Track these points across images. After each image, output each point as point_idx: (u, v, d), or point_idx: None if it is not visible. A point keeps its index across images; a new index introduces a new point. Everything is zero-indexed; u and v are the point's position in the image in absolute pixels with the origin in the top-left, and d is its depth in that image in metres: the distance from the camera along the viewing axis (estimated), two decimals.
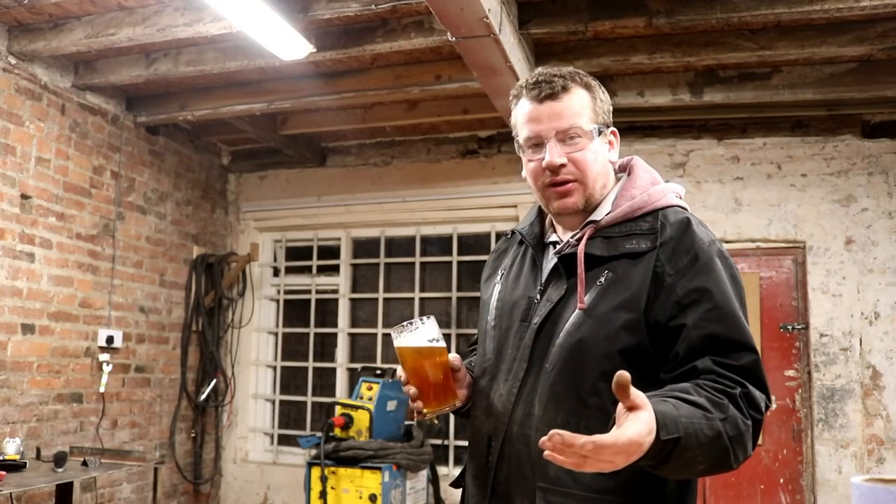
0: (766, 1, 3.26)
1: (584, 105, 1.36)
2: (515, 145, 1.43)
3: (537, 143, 1.36)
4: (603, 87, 1.43)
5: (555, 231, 1.45)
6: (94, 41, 3.72)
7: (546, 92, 1.34)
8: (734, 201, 4.59)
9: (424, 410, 1.37)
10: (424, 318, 1.35)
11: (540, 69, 1.40)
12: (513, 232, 1.56)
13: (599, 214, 1.36)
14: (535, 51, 3.85)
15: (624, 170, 1.48)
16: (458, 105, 4.65)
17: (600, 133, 1.37)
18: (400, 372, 1.40)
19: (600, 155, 1.38)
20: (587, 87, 1.38)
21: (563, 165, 1.33)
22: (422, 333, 1.35)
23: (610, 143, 1.42)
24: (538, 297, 1.37)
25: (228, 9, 3.21)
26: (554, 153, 1.33)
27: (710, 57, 3.76)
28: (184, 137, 5.29)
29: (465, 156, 5.27)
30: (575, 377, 1.27)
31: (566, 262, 1.35)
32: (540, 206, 1.49)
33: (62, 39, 3.77)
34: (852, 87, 3.97)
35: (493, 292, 1.49)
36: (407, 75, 4.15)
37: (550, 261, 1.41)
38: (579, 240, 1.35)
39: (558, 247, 1.40)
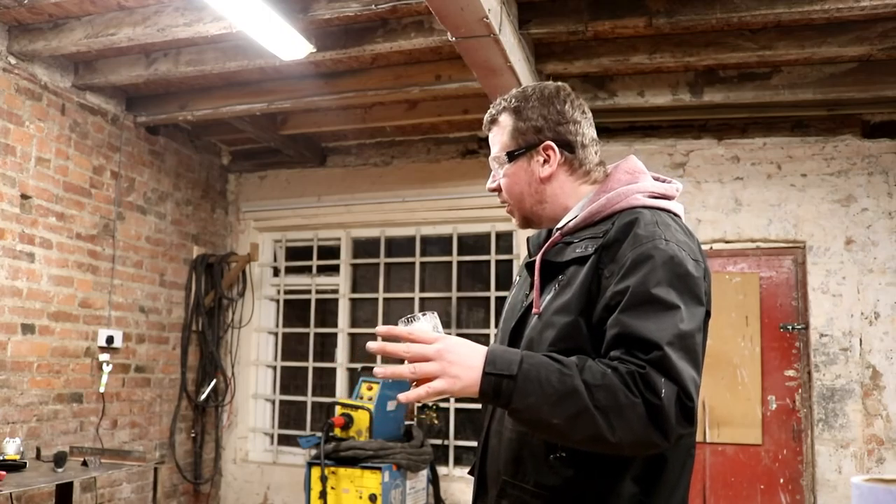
0: (766, 1, 3.25)
1: (504, 132, 1.46)
2: None
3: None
4: (551, 99, 1.45)
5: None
6: (94, 41, 3.72)
7: (486, 125, 1.52)
8: (734, 201, 4.59)
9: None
10: (427, 312, 1.36)
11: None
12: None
13: (563, 222, 1.44)
14: (535, 51, 3.85)
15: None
16: (458, 105, 4.65)
17: (518, 155, 1.45)
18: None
19: (521, 176, 1.45)
20: (515, 111, 1.45)
21: (496, 191, 1.50)
22: (422, 325, 1.36)
23: (546, 157, 1.44)
24: (525, 300, 1.46)
25: (228, 9, 3.21)
26: (490, 180, 1.52)
27: (710, 57, 3.76)
28: (184, 137, 5.29)
29: (465, 156, 5.27)
30: None
31: (531, 269, 1.42)
32: None
33: (62, 39, 3.77)
34: (852, 87, 3.97)
35: (509, 296, 1.57)
36: (407, 75, 4.15)
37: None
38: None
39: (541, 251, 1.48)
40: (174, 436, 5.09)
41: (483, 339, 5.25)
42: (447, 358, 1.20)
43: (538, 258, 1.40)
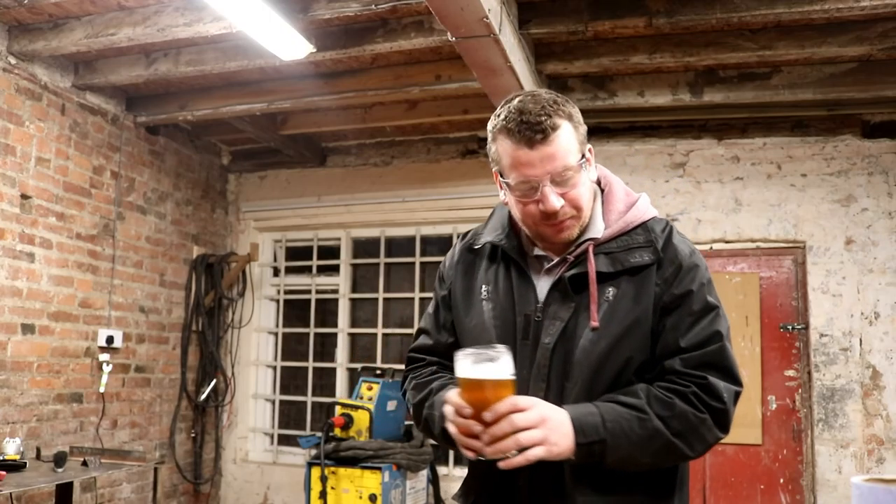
0: (766, 1, 3.25)
1: (571, 140, 1.34)
2: (498, 179, 1.41)
3: (531, 186, 1.33)
4: (576, 107, 1.41)
5: (535, 245, 1.44)
6: (94, 41, 3.72)
7: (538, 137, 1.30)
8: (734, 201, 4.59)
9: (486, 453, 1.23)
10: (499, 346, 1.20)
11: (520, 103, 1.34)
12: (470, 242, 1.54)
13: (595, 231, 1.40)
14: (535, 51, 3.85)
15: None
16: (458, 105, 4.65)
17: (585, 161, 1.37)
18: (454, 408, 1.27)
19: (588, 183, 1.39)
20: (569, 117, 1.35)
21: (564, 206, 1.34)
22: (504, 365, 1.18)
23: (588, 161, 1.39)
24: (538, 314, 1.38)
25: (228, 9, 3.21)
26: (552, 199, 1.32)
27: (710, 57, 3.76)
28: (184, 137, 5.29)
29: (465, 156, 5.27)
30: (596, 391, 1.32)
31: (574, 281, 1.36)
32: (510, 214, 1.47)
33: (62, 39, 3.77)
34: (852, 87, 3.97)
35: (484, 310, 1.44)
36: (407, 75, 4.15)
37: (544, 278, 1.41)
38: (577, 256, 1.38)
39: (551, 264, 1.41)
40: (174, 436, 5.09)
41: None
42: (548, 425, 1.21)
43: (591, 269, 1.35)
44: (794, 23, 3.53)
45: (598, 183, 1.48)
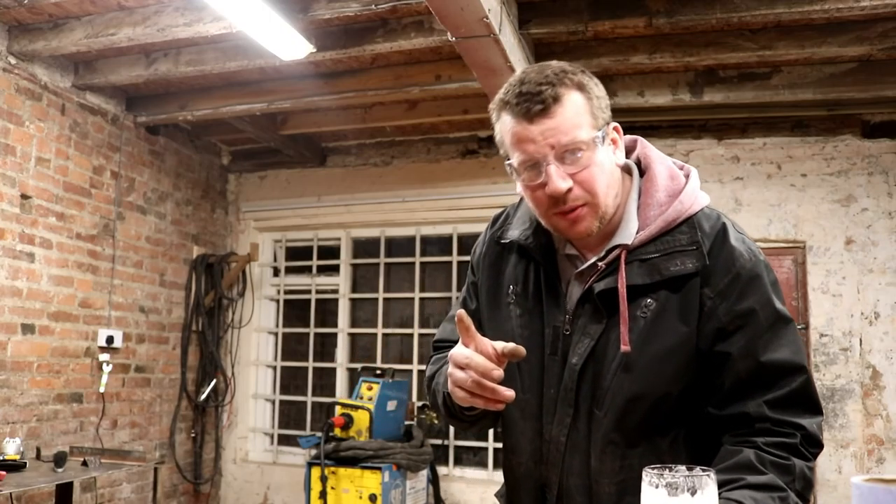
0: (766, 1, 3.25)
1: (580, 112, 1.15)
2: (506, 166, 1.22)
3: (533, 166, 1.15)
4: (596, 79, 1.22)
5: (569, 242, 1.26)
6: (94, 41, 3.72)
7: (536, 108, 1.13)
8: (734, 201, 4.59)
9: None
10: (704, 471, 0.92)
11: (522, 74, 1.19)
12: (498, 235, 1.37)
13: (627, 234, 1.20)
14: (535, 51, 3.85)
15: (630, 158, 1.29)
16: (458, 105, 4.65)
17: (603, 138, 1.17)
18: None
19: (607, 164, 1.17)
20: (580, 86, 1.17)
21: (569, 191, 1.14)
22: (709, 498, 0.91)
23: (613, 141, 1.21)
24: (567, 326, 1.22)
25: (228, 9, 3.21)
26: (556, 178, 1.13)
27: (710, 57, 3.75)
28: (184, 137, 5.29)
29: (465, 156, 5.27)
30: (630, 423, 1.17)
31: (604, 297, 1.18)
32: None
33: (62, 39, 3.77)
34: (852, 87, 3.97)
35: (513, 315, 1.28)
36: (407, 75, 4.15)
37: (575, 284, 1.24)
38: (609, 264, 1.19)
39: (582, 268, 1.23)
40: (174, 436, 5.09)
41: None
42: None
43: (622, 286, 1.15)
44: (794, 23, 3.53)
45: (638, 166, 1.28)
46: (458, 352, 1.13)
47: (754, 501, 1.04)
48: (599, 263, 1.20)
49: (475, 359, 1.10)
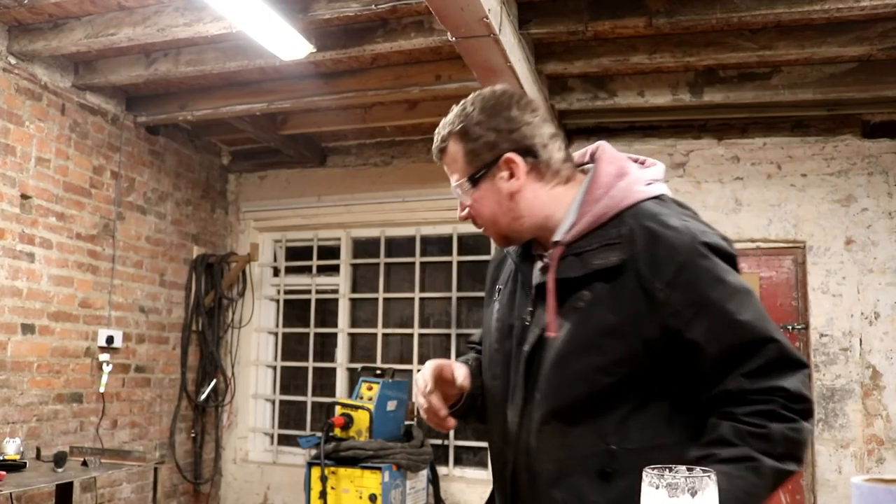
0: (766, 1, 3.25)
1: (457, 160, 1.37)
2: None
3: None
4: (492, 109, 1.35)
5: (534, 243, 1.41)
6: (94, 41, 3.72)
7: (437, 155, 1.42)
8: (734, 201, 4.59)
9: None
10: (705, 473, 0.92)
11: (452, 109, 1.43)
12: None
13: (562, 230, 1.31)
14: (535, 51, 3.85)
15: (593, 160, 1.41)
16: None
17: (479, 178, 1.34)
18: None
19: (490, 198, 1.35)
20: (463, 134, 1.35)
21: (468, 219, 1.40)
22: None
23: (510, 171, 1.33)
24: (528, 318, 1.33)
25: (228, 9, 3.21)
26: (459, 209, 1.42)
27: (710, 57, 3.75)
28: (184, 137, 5.29)
29: None
30: (565, 405, 1.26)
31: (541, 289, 1.31)
32: None
33: (62, 39, 3.77)
34: (852, 87, 3.97)
35: (493, 311, 1.44)
36: (407, 75, 4.15)
37: (536, 278, 1.36)
38: (549, 263, 1.31)
39: (540, 266, 1.35)
40: (174, 436, 5.09)
41: None
42: None
43: (550, 279, 1.28)
44: (794, 23, 3.53)
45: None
46: (421, 381, 1.35)
47: (723, 475, 1.03)
48: (545, 260, 1.32)
49: (432, 400, 1.34)
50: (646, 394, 1.22)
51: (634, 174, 1.34)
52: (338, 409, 4.41)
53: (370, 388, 4.45)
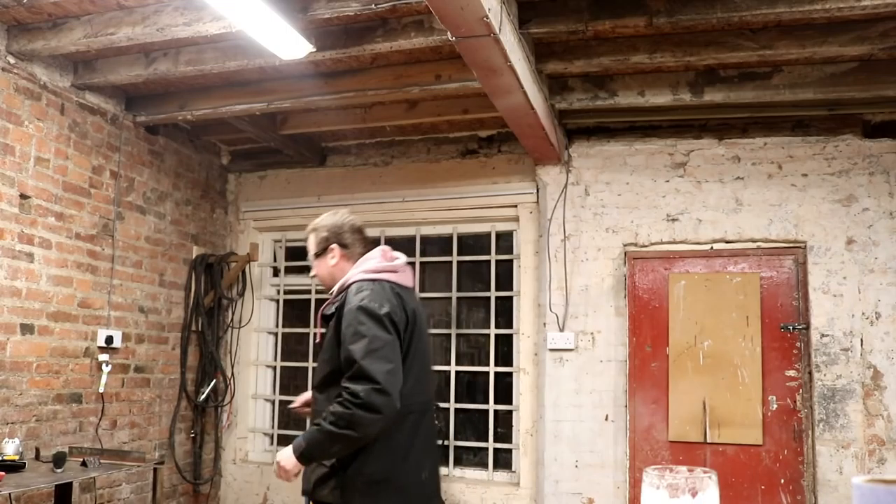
0: (767, 0, 3.25)
1: (310, 246, 2.60)
2: None
3: None
4: (333, 220, 2.61)
5: None
6: (93, 41, 3.71)
7: (306, 237, 2.66)
8: (735, 201, 4.58)
9: None
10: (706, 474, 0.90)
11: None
12: None
13: (334, 289, 2.50)
14: (536, 50, 3.84)
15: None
16: (458, 105, 4.64)
17: (319, 255, 2.57)
18: None
19: (323, 266, 2.56)
20: (314, 230, 2.59)
21: (314, 276, 2.62)
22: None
23: (332, 251, 2.54)
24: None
25: (228, 8, 3.21)
26: (311, 271, 2.64)
27: (710, 56, 3.75)
28: (183, 137, 5.29)
29: (465, 156, 5.26)
30: (317, 384, 2.40)
31: (324, 318, 2.46)
32: None
33: (61, 39, 3.76)
34: (853, 86, 3.96)
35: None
36: (407, 75, 4.15)
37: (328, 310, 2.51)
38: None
39: (328, 304, 2.50)
40: (174, 436, 5.08)
41: (483, 339, 5.25)
42: (279, 457, 2.36)
43: (319, 313, 2.45)
44: (794, 22, 3.53)
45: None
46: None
47: (308, 433, 2.26)
48: (324, 305, 2.48)
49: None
50: (337, 377, 2.27)
51: (364, 267, 2.44)
52: None
53: None
